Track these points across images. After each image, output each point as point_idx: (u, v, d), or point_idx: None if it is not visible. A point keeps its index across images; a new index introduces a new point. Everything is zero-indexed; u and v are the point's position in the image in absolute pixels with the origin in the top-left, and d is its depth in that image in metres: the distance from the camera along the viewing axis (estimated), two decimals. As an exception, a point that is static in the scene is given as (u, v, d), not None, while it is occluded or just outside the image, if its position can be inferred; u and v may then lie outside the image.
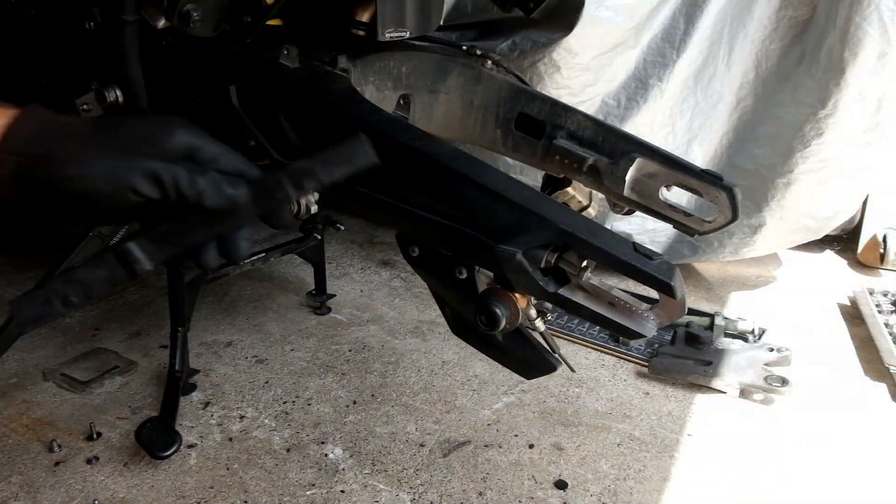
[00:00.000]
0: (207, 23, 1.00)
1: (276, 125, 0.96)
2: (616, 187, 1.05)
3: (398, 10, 1.08)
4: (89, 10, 1.05)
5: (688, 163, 1.00)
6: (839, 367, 1.66)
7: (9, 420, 1.38)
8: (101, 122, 0.61)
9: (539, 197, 0.79)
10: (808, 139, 1.80)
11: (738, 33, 1.87)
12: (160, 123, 0.61)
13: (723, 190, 0.96)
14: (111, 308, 1.84)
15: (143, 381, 1.52)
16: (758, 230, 1.95)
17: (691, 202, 1.38)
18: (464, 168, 0.80)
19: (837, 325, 1.88)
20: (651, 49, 1.88)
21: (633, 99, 1.88)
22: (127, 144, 0.59)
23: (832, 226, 2.00)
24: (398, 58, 1.15)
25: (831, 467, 1.30)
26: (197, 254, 0.63)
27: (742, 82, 1.93)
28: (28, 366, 1.56)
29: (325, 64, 1.03)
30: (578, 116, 1.11)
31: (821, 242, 2.31)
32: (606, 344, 1.70)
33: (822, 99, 1.77)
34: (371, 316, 1.84)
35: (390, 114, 0.94)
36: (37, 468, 1.25)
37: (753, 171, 1.91)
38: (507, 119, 1.19)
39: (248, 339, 1.71)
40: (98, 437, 1.33)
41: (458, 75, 1.22)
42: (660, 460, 1.31)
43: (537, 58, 1.78)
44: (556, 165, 1.13)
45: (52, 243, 2.02)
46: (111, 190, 0.57)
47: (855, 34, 1.69)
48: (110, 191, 0.57)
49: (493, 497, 1.20)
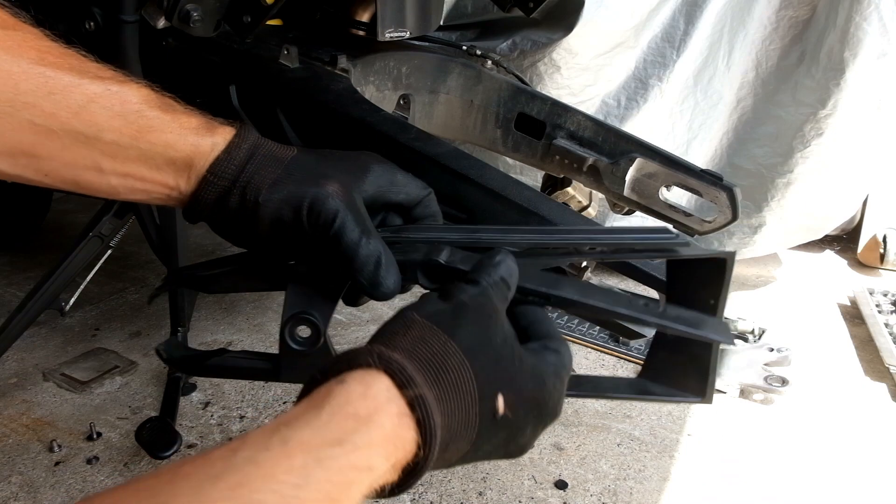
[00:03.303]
0: (207, 23, 1.00)
1: (277, 125, 0.96)
2: (616, 187, 1.06)
3: (398, 10, 1.09)
4: (89, 10, 1.05)
5: (688, 163, 1.00)
6: (839, 367, 1.66)
7: (9, 420, 1.38)
8: (304, 153, 0.60)
9: (539, 197, 0.79)
10: (808, 139, 1.81)
11: (738, 33, 1.87)
12: (356, 159, 0.61)
13: (723, 190, 0.96)
14: (111, 308, 1.84)
15: (143, 381, 1.52)
16: (758, 230, 1.95)
17: (691, 202, 1.38)
18: (464, 168, 0.80)
19: (837, 325, 1.88)
20: (651, 49, 1.88)
21: (633, 99, 1.88)
22: (325, 175, 0.57)
23: (832, 226, 2.00)
24: (398, 58, 1.15)
25: (831, 467, 1.30)
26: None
27: (742, 82, 1.93)
28: (28, 366, 1.56)
29: (325, 64, 1.03)
30: (578, 116, 1.11)
31: (821, 242, 2.31)
32: (606, 344, 1.70)
33: (822, 99, 1.77)
34: (371, 316, 1.84)
35: (390, 114, 0.94)
36: (37, 468, 1.25)
37: (753, 171, 1.91)
38: (507, 119, 1.20)
39: (248, 339, 1.71)
40: (98, 437, 1.32)
41: (458, 75, 1.22)
42: (660, 460, 1.31)
43: (537, 58, 1.78)
44: (556, 165, 1.13)
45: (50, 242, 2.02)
46: (291, 220, 0.56)
47: (855, 34, 1.69)
48: (290, 216, 0.56)
49: (492, 497, 1.20)
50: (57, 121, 0.52)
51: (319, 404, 0.40)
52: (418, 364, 0.42)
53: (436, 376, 0.43)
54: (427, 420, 0.41)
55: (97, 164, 0.54)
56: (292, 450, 0.36)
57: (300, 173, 0.57)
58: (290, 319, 0.59)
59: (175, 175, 0.57)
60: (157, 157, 0.56)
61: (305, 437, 0.37)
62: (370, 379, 0.41)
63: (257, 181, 0.56)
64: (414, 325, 0.45)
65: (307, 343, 0.59)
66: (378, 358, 0.42)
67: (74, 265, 1.35)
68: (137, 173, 0.56)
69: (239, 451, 0.36)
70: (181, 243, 1.36)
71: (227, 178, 0.57)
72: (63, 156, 0.53)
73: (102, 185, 0.56)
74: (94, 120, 0.53)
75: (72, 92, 0.52)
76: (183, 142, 0.56)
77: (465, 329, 0.46)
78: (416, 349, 0.43)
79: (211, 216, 0.59)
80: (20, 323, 1.34)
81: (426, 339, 0.44)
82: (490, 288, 0.49)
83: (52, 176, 0.54)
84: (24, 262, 2.05)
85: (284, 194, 0.56)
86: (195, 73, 1.06)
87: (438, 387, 0.43)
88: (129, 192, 0.57)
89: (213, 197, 0.57)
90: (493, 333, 0.47)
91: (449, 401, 0.43)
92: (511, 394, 0.46)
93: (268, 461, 0.35)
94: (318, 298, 0.59)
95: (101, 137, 0.54)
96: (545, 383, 0.49)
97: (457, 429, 0.44)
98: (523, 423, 0.48)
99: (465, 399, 0.44)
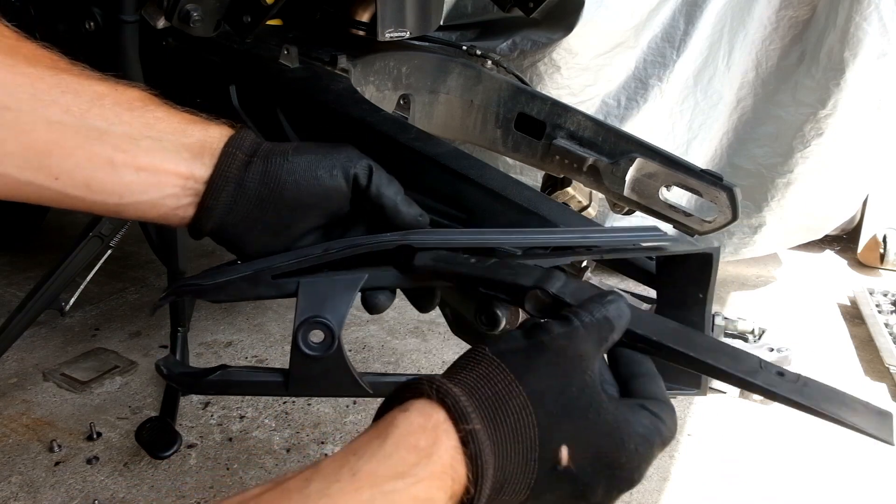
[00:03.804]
0: (207, 23, 1.00)
1: (277, 125, 0.96)
2: (616, 187, 1.05)
3: (398, 10, 1.09)
4: (89, 10, 1.05)
5: (688, 163, 1.00)
6: (839, 367, 1.66)
7: (9, 420, 1.38)
8: (303, 143, 0.62)
9: (539, 197, 0.79)
10: (808, 139, 1.81)
11: (738, 33, 1.87)
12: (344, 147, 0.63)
13: (723, 190, 0.96)
14: (111, 308, 1.84)
15: (143, 381, 1.52)
16: (758, 230, 1.95)
17: (691, 202, 1.38)
18: (464, 168, 0.80)
19: (837, 325, 1.88)
20: (651, 49, 1.88)
21: (633, 99, 1.88)
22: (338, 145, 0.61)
23: (832, 226, 2.00)
24: (398, 58, 1.15)
25: (831, 467, 1.30)
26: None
27: (742, 82, 1.93)
28: (28, 366, 1.56)
29: (325, 64, 1.03)
30: (578, 116, 1.11)
31: (821, 242, 2.31)
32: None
33: (822, 99, 1.77)
34: (371, 316, 1.83)
35: (390, 114, 0.93)
36: (37, 468, 1.25)
37: (753, 171, 1.91)
38: (507, 119, 1.20)
39: (248, 339, 1.71)
40: (98, 437, 1.33)
41: (458, 75, 1.22)
42: (660, 460, 1.30)
43: (537, 58, 1.78)
44: (556, 165, 1.13)
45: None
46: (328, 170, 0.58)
47: (855, 34, 1.69)
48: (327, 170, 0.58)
49: (493, 497, 1.20)
50: (71, 116, 0.53)
51: (384, 434, 0.41)
52: (477, 402, 0.42)
53: (493, 416, 0.42)
54: (478, 457, 0.41)
55: (110, 159, 0.54)
56: (360, 482, 0.38)
57: (316, 145, 0.60)
58: (303, 324, 0.57)
59: (189, 161, 0.57)
60: (169, 144, 0.56)
61: (371, 467, 0.39)
62: (430, 410, 0.42)
63: (280, 148, 0.58)
64: (483, 362, 0.45)
65: (321, 348, 0.57)
66: (437, 390, 0.42)
67: (74, 265, 1.35)
68: (150, 164, 0.56)
69: (312, 483, 0.38)
70: (181, 243, 1.36)
71: (247, 151, 0.57)
72: (77, 153, 0.54)
73: (116, 185, 0.55)
74: (105, 114, 0.54)
75: (83, 90, 0.54)
76: (192, 128, 0.58)
77: (536, 372, 0.44)
78: (479, 386, 0.43)
79: (227, 206, 0.57)
80: (20, 323, 1.34)
81: (491, 378, 0.44)
82: (583, 328, 0.46)
83: (64, 179, 0.54)
84: (24, 262, 2.06)
85: (311, 155, 0.58)
86: (195, 73, 1.06)
87: (494, 427, 0.42)
88: (143, 189, 0.56)
89: (234, 171, 0.57)
90: (570, 380, 0.45)
91: (504, 442, 0.42)
92: (579, 447, 0.44)
93: (338, 493, 0.38)
94: (331, 301, 0.58)
95: (112, 130, 0.54)
96: (625, 444, 0.45)
97: (512, 472, 0.43)
98: (591, 481, 0.45)
99: (524, 444, 0.43)
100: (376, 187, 0.59)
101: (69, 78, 0.54)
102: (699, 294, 0.61)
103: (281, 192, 0.57)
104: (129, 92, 0.57)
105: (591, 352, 0.47)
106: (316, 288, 0.59)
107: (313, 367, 0.58)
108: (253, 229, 0.59)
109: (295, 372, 0.59)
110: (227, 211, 0.58)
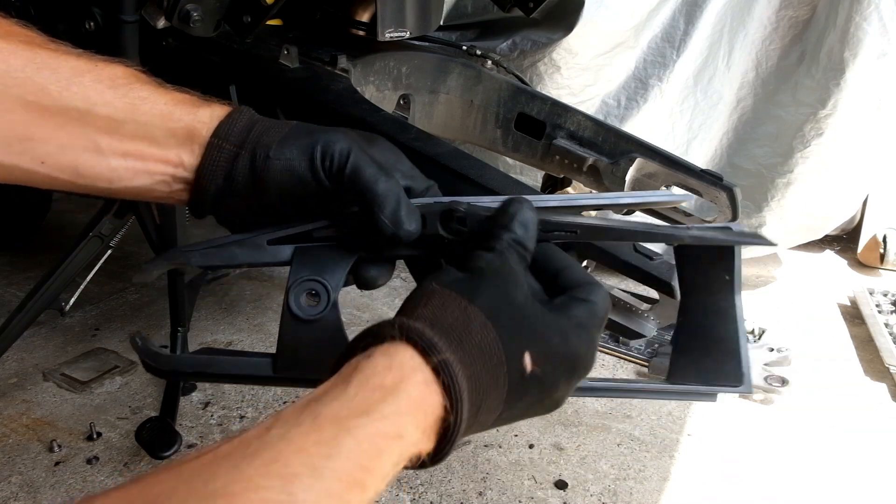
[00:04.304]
0: (207, 23, 1.00)
1: (276, 125, 0.96)
2: (616, 187, 1.06)
3: (398, 10, 1.09)
4: (89, 10, 1.05)
5: (688, 163, 1.00)
6: (839, 368, 1.66)
7: (9, 420, 1.38)
8: (302, 124, 0.58)
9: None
10: (808, 139, 1.81)
11: (738, 33, 1.88)
12: (365, 133, 0.60)
13: (723, 190, 0.96)
14: (111, 308, 1.84)
15: (143, 381, 1.52)
16: (758, 230, 1.95)
17: (691, 202, 1.38)
18: (464, 168, 0.80)
19: (837, 325, 1.88)
20: (651, 49, 1.88)
21: (633, 99, 1.88)
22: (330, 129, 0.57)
23: (832, 226, 2.00)
24: (398, 58, 1.15)
25: (831, 467, 1.30)
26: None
27: (742, 82, 1.93)
28: (28, 366, 1.56)
29: (325, 64, 1.03)
30: (578, 116, 1.11)
31: (821, 242, 2.31)
32: (606, 344, 1.70)
33: (822, 99, 1.77)
34: (371, 316, 1.83)
35: (390, 114, 0.94)
36: (37, 468, 1.25)
37: (753, 171, 1.92)
38: (507, 119, 1.20)
39: (248, 339, 1.71)
40: (98, 437, 1.32)
41: (458, 75, 1.22)
42: (660, 460, 1.31)
43: (537, 58, 1.78)
44: (556, 165, 1.13)
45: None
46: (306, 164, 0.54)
47: (855, 34, 1.69)
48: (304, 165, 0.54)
49: (492, 497, 1.20)
50: (48, 96, 0.50)
51: (347, 379, 0.41)
52: (440, 330, 0.43)
53: (459, 340, 0.43)
54: (453, 383, 0.41)
55: (95, 144, 0.52)
56: (322, 423, 0.38)
57: (306, 130, 0.56)
58: (295, 283, 0.54)
59: (177, 148, 0.54)
60: (155, 130, 0.53)
61: (334, 410, 0.38)
62: (394, 350, 0.42)
63: (266, 141, 0.55)
64: (434, 295, 0.45)
65: (314, 310, 0.53)
66: (399, 329, 0.42)
67: (74, 265, 1.35)
68: (137, 151, 0.53)
69: (272, 429, 0.37)
70: (181, 243, 1.36)
71: (234, 142, 0.55)
72: (59, 136, 0.51)
73: (103, 170, 0.53)
74: (85, 94, 0.52)
75: (60, 66, 0.51)
76: (180, 111, 0.54)
77: (484, 293, 0.46)
78: (437, 316, 0.44)
79: (219, 194, 0.55)
80: (20, 323, 1.34)
81: (446, 306, 0.44)
82: (506, 251, 0.49)
83: (50, 163, 0.52)
84: (24, 262, 2.05)
85: (294, 147, 0.54)
86: (195, 73, 1.07)
87: (462, 350, 0.43)
88: (132, 175, 0.54)
89: (222, 164, 0.54)
90: (514, 294, 0.47)
91: (474, 363, 0.43)
92: (538, 350, 0.46)
93: (299, 436, 0.37)
94: (328, 266, 0.55)
95: (94, 112, 0.52)
96: (570, 337, 0.48)
97: (486, 390, 0.44)
98: (554, 378, 0.48)
99: (492, 360, 0.44)
100: (353, 172, 0.54)
101: (45, 53, 0.51)
102: (725, 276, 0.56)
103: (268, 188, 0.55)
104: (112, 68, 0.54)
105: (519, 268, 0.50)
106: (312, 254, 0.56)
107: (304, 335, 0.54)
108: (250, 213, 0.57)
109: (284, 339, 0.54)
110: (221, 197, 0.56)
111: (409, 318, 0.43)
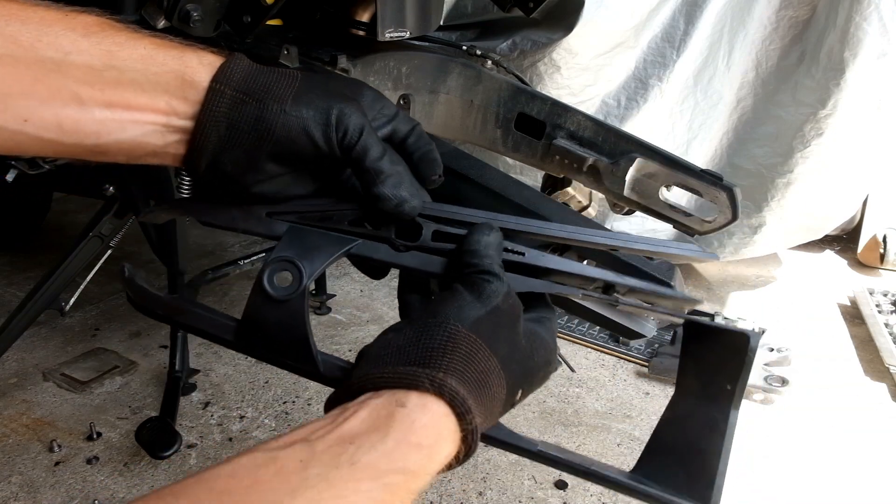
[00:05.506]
0: (207, 23, 1.00)
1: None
2: (616, 187, 1.05)
3: (398, 10, 1.08)
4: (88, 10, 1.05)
5: (688, 163, 1.00)
6: (839, 367, 1.66)
7: (9, 420, 1.38)
8: (308, 73, 0.56)
9: (539, 197, 0.79)
10: (808, 139, 1.81)
11: (738, 33, 1.88)
12: (352, 82, 0.61)
13: (723, 190, 0.96)
14: (111, 308, 1.84)
15: (143, 381, 1.52)
16: (758, 230, 1.95)
17: (691, 202, 1.38)
18: (464, 168, 0.80)
19: (837, 325, 1.88)
20: (651, 49, 1.88)
21: (633, 99, 1.89)
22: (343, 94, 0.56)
23: (832, 226, 2.00)
24: (398, 58, 1.15)
25: (831, 467, 1.30)
26: None
27: (742, 82, 1.93)
28: (28, 366, 1.56)
29: (325, 64, 1.03)
30: (578, 116, 1.11)
31: (821, 242, 2.31)
32: (606, 344, 1.70)
33: (822, 99, 1.77)
34: (371, 316, 1.84)
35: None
36: (37, 468, 1.25)
37: (753, 171, 1.92)
38: (507, 119, 1.19)
39: (248, 339, 1.71)
40: (98, 437, 1.33)
41: (458, 75, 1.22)
42: (660, 460, 1.30)
43: (537, 58, 1.78)
44: (556, 165, 1.13)
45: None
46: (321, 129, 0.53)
47: (855, 34, 1.69)
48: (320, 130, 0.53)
49: (493, 497, 1.20)
50: (20, 47, 0.48)
51: (384, 428, 0.42)
52: (469, 387, 0.46)
53: (480, 395, 0.47)
54: (474, 442, 0.46)
55: (75, 95, 0.49)
56: (360, 473, 0.40)
57: (320, 88, 0.54)
58: (273, 261, 0.54)
59: (167, 95, 0.51)
60: (138, 75, 0.50)
61: (372, 460, 0.41)
62: (429, 405, 0.44)
63: (278, 92, 0.52)
64: (460, 341, 0.47)
65: (284, 291, 0.53)
66: (431, 383, 0.45)
67: (74, 265, 1.35)
68: (122, 100, 0.50)
69: (310, 467, 0.39)
70: (181, 243, 1.36)
71: (238, 88, 0.52)
72: (37, 90, 0.49)
73: (88, 122, 0.50)
74: (58, 43, 0.49)
75: (29, 17, 0.49)
76: (163, 55, 0.51)
77: (502, 340, 0.50)
78: (466, 371, 0.46)
79: (220, 144, 0.52)
80: (20, 323, 1.34)
81: (473, 358, 0.47)
82: (509, 283, 0.53)
83: (33, 120, 0.49)
84: (24, 262, 2.06)
85: (311, 108, 0.53)
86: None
87: (483, 405, 0.47)
88: (120, 127, 0.51)
89: (224, 110, 0.51)
90: (518, 333, 0.52)
91: (488, 415, 0.48)
92: (527, 386, 0.53)
93: (338, 480, 0.39)
94: (312, 252, 0.55)
95: (69, 61, 0.49)
96: (549, 359, 0.55)
97: (486, 425, 0.49)
98: (530, 392, 0.55)
99: (498, 405, 0.50)
100: (363, 148, 0.54)
101: (13, 5, 0.49)
102: (727, 385, 0.54)
103: (279, 142, 0.53)
104: (83, 17, 0.51)
105: (518, 301, 0.54)
106: (303, 234, 0.56)
107: (269, 313, 0.54)
108: (249, 169, 0.55)
109: (249, 311, 0.55)
110: (222, 149, 0.53)
111: (441, 370, 0.45)
